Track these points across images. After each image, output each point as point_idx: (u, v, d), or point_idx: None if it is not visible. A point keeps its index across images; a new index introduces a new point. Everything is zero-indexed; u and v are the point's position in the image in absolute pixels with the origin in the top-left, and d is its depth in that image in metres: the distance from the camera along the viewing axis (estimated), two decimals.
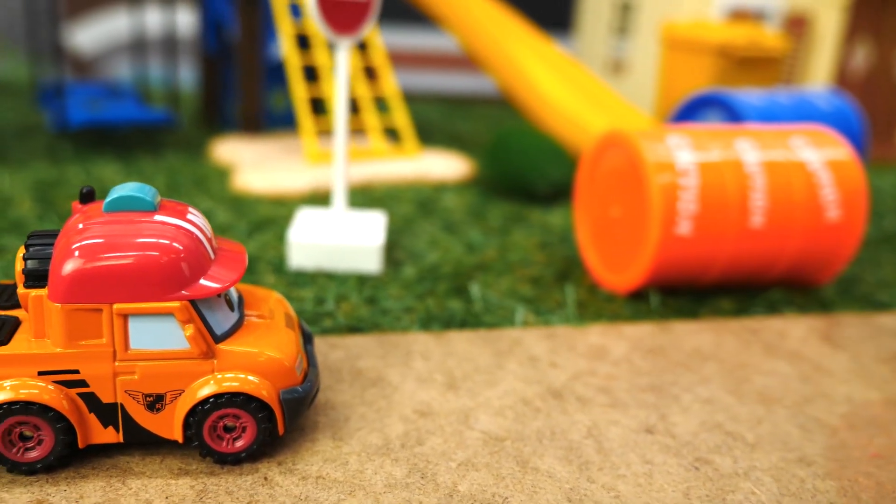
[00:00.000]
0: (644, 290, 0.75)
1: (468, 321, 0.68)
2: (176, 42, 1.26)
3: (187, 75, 1.88)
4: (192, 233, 0.44)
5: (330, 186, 1.04)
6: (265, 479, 0.45)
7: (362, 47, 1.24)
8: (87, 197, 0.47)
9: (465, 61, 2.02)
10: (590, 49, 1.78)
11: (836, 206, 0.73)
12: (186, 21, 1.89)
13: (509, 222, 0.97)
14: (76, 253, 0.42)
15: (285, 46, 1.15)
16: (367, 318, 0.67)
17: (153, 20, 1.86)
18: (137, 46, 1.42)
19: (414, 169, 1.14)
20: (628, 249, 0.74)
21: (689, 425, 0.54)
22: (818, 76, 1.50)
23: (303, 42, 1.21)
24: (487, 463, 0.48)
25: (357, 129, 1.19)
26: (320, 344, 0.62)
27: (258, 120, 1.23)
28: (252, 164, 1.09)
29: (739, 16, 1.42)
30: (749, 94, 1.05)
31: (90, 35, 1.98)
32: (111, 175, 1.05)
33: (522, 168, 1.06)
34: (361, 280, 0.76)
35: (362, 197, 1.02)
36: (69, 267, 0.42)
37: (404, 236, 0.88)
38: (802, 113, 1.03)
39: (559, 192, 1.07)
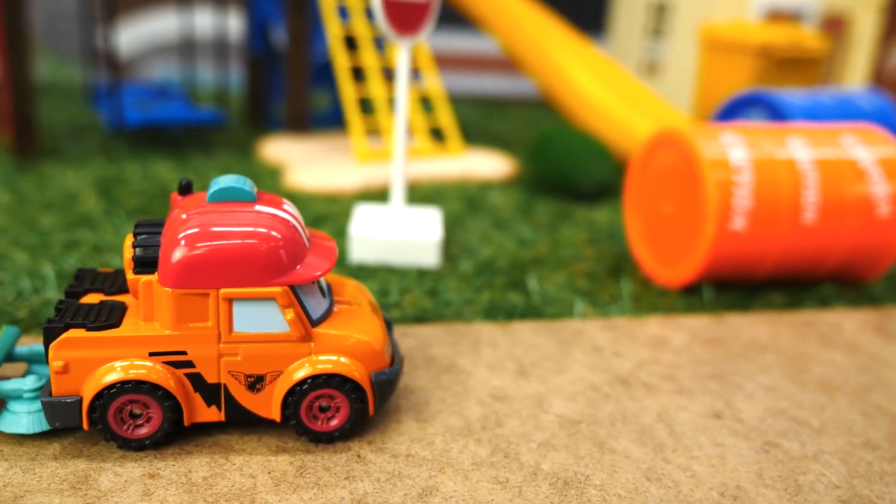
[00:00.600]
0: (697, 285, 0.77)
1: (529, 312, 0.70)
2: (226, 44, 1.29)
3: (228, 76, 1.91)
4: (289, 222, 0.47)
5: (380, 184, 1.07)
6: (358, 456, 0.48)
7: None
8: (186, 189, 0.50)
9: (498, 63, 2.04)
10: (623, 50, 1.80)
11: (887, 202, 0.75)
12: (226, 24, 1.92)
13: (556, 219, 0.99)
14: (185, 241, 0.44)
15: (333, 48, 1.17)
16: (431, 309, 0.69)
17: (190, 22, 1.89)
18: (170, 48, 1.45)
19: (459, 168, 1.16)
20: (681, 245, 0.76)
21: (754, 411, 0.56)
22: (855, 76, 1.52)
23: (349, 43, 1.24)
24: (566, 444, 0.50)
25: None
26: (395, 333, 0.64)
27: (305, 120, 1.26)
28: (302, 163, 1.11)
29: (777, 17, 1.44)
30: (792, 94, 1.07)
31: (126, 37, 2.01)
32: (166, 172, 1.08)
33: (566, 167, 1.09)
34: (421, 273, 0.78)
35: (411, 194, 1.04)
36: (179, 254, 0.44)
37: (456, 232, 0.91)
38: (845, 112, 1.05)
39: (602, 191, 1.09)
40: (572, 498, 0.45)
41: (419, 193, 1.05)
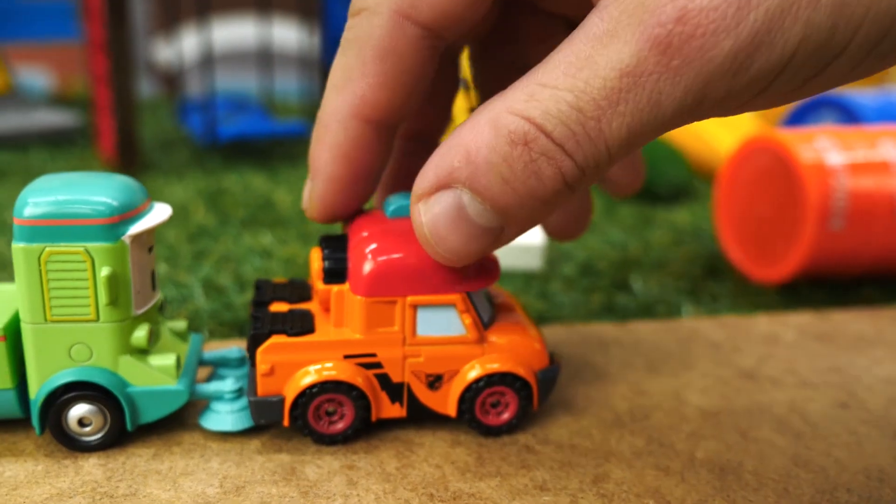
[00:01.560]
0: (794, 282, 0.81)
1: (639, 313, 0.74)
2: (316, 58, 1.34)
3: (286, 86, 1.96)
4: None
5: None
6: (527, 447, 0.52)
7: None
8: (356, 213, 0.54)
9: None
10: None
11: None
12: (285, 34, 1.97)
13: (639, 221, 1.03)
14: (376, 255, 0.49)
15: None
16: (547, 311, 0.74)
17: (242, 33, 1.95)
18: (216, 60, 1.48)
19: None
20: (778, 245, 0.80)
21: (878, 401, 0.60)
22: None
23: None
24: (713, 434, 0.55)
25: None
26: None
27: None
28: None
29: None
30: (863, 95, 1.11)
31: (176, 50, 2.07)
32: (261, 183, 1.13)
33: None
34: (526, 277, 0.82)
35: None
36: (370, 266, 0.49)
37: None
38: None
39: (678, 193, 1.13)
40: (731, 482, 0.49)
41: None
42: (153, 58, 2.06)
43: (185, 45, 2.04)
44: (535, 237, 0.84)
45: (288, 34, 1.89)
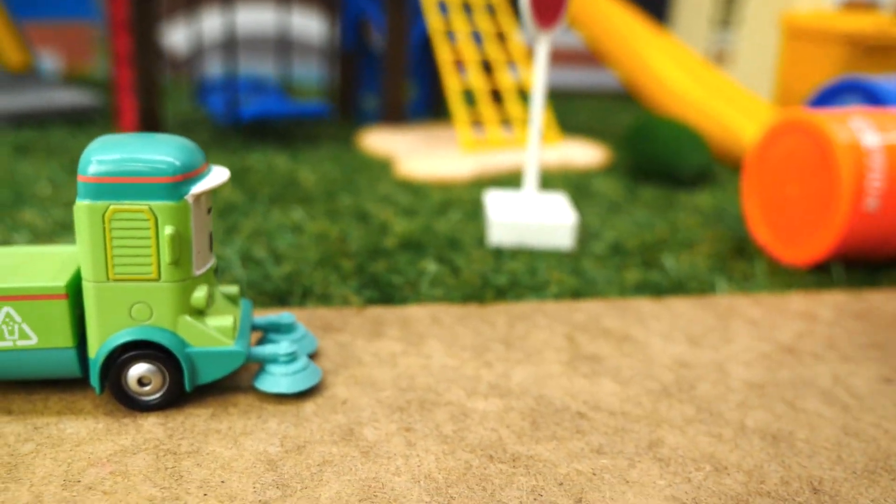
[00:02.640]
0: (825, 263, 0.82)
1: (674, 289, 0.75)
2: (336, 44, 1.33)
3: (301, 72, 1.96)
4: None
5: (491, 172, 1.12)
6: (579, 413, 0.52)
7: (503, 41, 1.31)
8: None
9: (557, 56, 2.08)
10: (687, 41, 1.84)
11: None
12: (299, 21, 1.97)
13: (663, 204, 1.03)
14: None
15: (436, 41, 1.22)
16: (582, 287, 0.74)
17: (256, 19, 1.95)
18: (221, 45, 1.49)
19: (558, 156, 1.21)
20: (809, 226, 0.81)
21: None
22: None
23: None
24: (760, 404, 0.55)
25: (501, 120, 1.26)
26: (560, 308, 0.69)
27: (402, 112, 1.31)
28: (408, 154, 1.16)
29: (853, 5, 1.47)
30: (888, 80, 1.11)
31: (184, 35, 2.07)
32: (283, 163, 1.13)
33: (666, 154, 1.13)
34: (558, 255, 0.83)
35: (517, 182, 1.09)
36: None
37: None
38: None
39: (700, 176, 1.13)
40: (784, 449, 0.50)
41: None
42: (163, 43, 2.06)
43: (204, 27, 2.04)
44: (566, 217, 0.84)
45: (303, 21, 1.89)
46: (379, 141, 1.23)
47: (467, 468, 0.46)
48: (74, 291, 0.48)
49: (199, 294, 0.48)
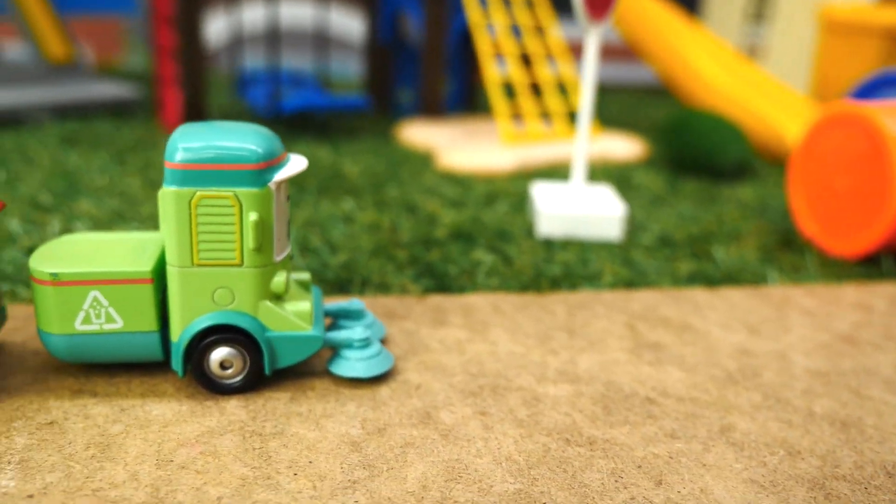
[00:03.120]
0: (875, 255, 0.82)
1: (726, 280, 0.75)
2: (373, 38, 1.34)
3: (338, 66, 1.97)
4: None
5: (533, 164, 1.13)
6: (648, 399, 0.53)
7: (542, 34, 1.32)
8: None
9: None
10: (720, 35, 1.84)
11: None
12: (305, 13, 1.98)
13: (705, 196, 1.04)
14: None
15: (476, 34, 1.23)
16: (635, 278, 0.75)
17: (290, 14, 1.96)
18: (255, 39, 1.50)
19: (598, 149, 1.21)
20: (859, 218, 0.81)
21: None
22: None
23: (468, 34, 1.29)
24: (826, 392, 0.56)
25: (540, 113, 1.26)
26: (617, 298, 0.70)
27: (440, 105, 1.32)
28: (448, 146, 1.17)
29: None
30: None
31: (215, 28, 2.08)
32: (326, 155, 1.14)
33: (706, 147, 1.13)
34: (607, 246, 0.83)
35: (559, 174, 1.10)
36: None
37: None
38: None
39: (739, 169, 1.13)
40: (855, 435, 0.50)
41: (566, 173, 1.10)
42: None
43: (218, 24, 2.05)
44: (615, 209, 0.85)
45: (338, 15, 1.90)
46: (417, 134, 1.24)
47: (546, 451, 0.46)
48: (159, 277, 0.49)
49: (280, 279, 0.49)
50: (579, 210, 0.85)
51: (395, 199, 0.93)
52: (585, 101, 0.86)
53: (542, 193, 0.89)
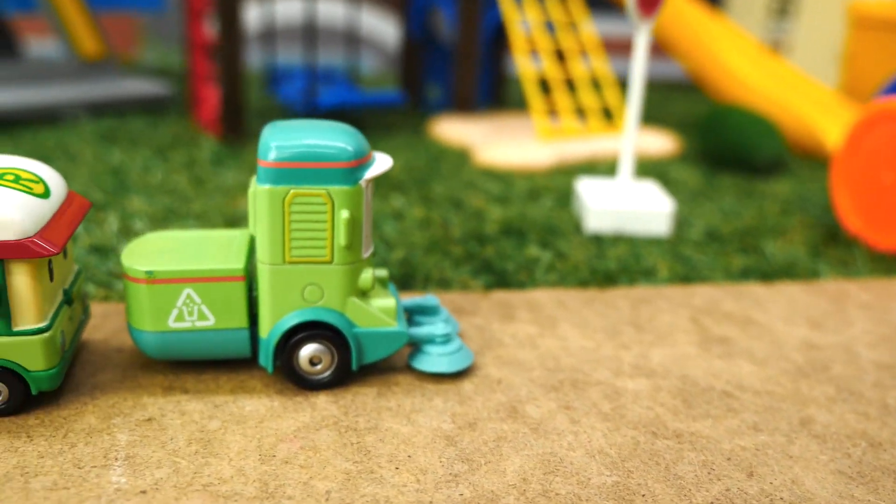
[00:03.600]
0: None
1: (779, 274, 0.76)
2: (405, 34, 1.34)
3: (361, 62, 1.98)
4: None
5: (571, 160, 1.13)
6: (725, 393, 0.54)
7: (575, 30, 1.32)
8: None
9: (609, 46, 2.09)
10: (743, 29, 1.85)
11: None
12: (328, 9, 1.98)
13: (743, 192, 1.04)
14: None
15: (511, 31, 1.24)
16: (689, 273, 0.75)
17: (292, 8, 1.96)
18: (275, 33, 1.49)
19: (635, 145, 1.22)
20: None
21: None
22: None
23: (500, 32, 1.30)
24: (895, 384, 0.56)
25: (574, 109, 1.27)
26: (676, 293, 0.70)
27: (472, 101, 1.32)
28: (484, 142, 1.18)
29: None
30: None
31: (267, 16, 2.08)
32: None
33: (742, 143, 1.14)
34: (656, 241, 0.84)
35: (596, 170, 1.10)
36: None
37: None
38: None
39: (774, 165, 1.14)
40: None
41: (603, 168, 1.11)
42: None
43: (252, 16, 2.06)
44: (663, 204, 0.85)
45: (361, 12, 1.91)
46: (451, 129, 1.25)
47: (636, 444, 0.47)
48: (248, 273, 0.50)
49: (367, 276, 0.50)
50: (628, 206, 0.85)
51: (441, 196, 0.94)
52: (634, 96, 0.86)
53: (588, 189, 0.90)
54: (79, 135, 1.14)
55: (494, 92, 1.52)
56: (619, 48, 2.18)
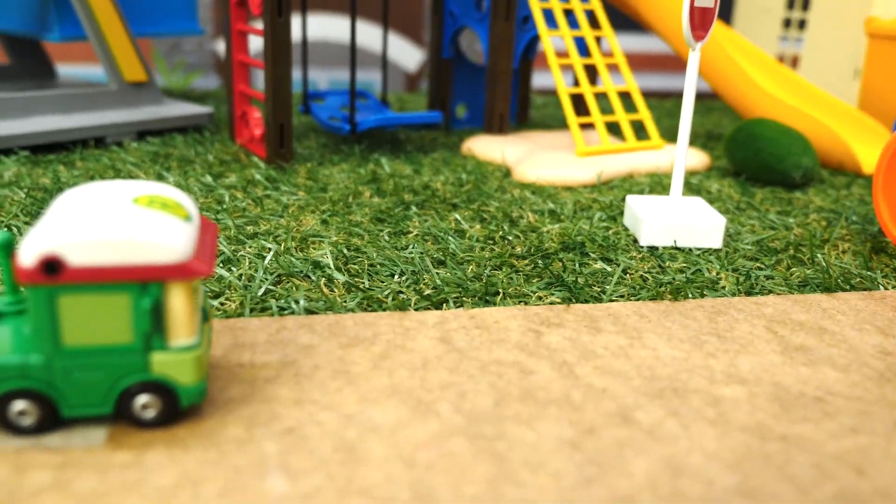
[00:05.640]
0: None
1: (839, 285, 0.79)
2: (444, 55, 1.37)
3: (369, 79, 2.00)
4: None
5: (610, 176, 1.17)
6: (816, 398, 0.57)
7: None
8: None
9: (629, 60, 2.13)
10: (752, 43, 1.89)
11: None
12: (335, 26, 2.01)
13: (782, 204, 1.08)
14: None
15: (546, 50, 1.27)
16: (751, 284, 0.78)
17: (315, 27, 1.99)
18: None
19: (666, 160, 1.25)
20: None
21: None
22: None
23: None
24: None
25: (607, 124, 1.31)
26: (746, 303, 0.73)
27: (507, 122, 1.36)
28: (522, 159, 1.21)
29: None
30: None
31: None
32: (408, 171, 1.18)
33: (776, 157, 1.18)
34: (711, 254, 0.87)
35: (636, 183, 1.13)
36: None
37: None
38: None
39: (808, 178, 1.18)
40: None
41: (641, 184, 1.14)
42: (216, 51, 2.12)
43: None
44: (716, 218, 0.89)
45: (372, 31, 1.94)
46: (485, 147, 1.28)
47: (747, 448, 0.50)
48: None
49: None
50: (682, 220, 0.88)
51: (493, 212, 0.97)
52: (685, 114, 0.90)
53: (640, 204, 0.93)
54: (126, 157, 1.17)
55: (521, 110, 1.55)
56: (634, 63, 2.22)
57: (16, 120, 1.17)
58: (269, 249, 0.82)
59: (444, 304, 0.70)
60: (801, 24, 1.70)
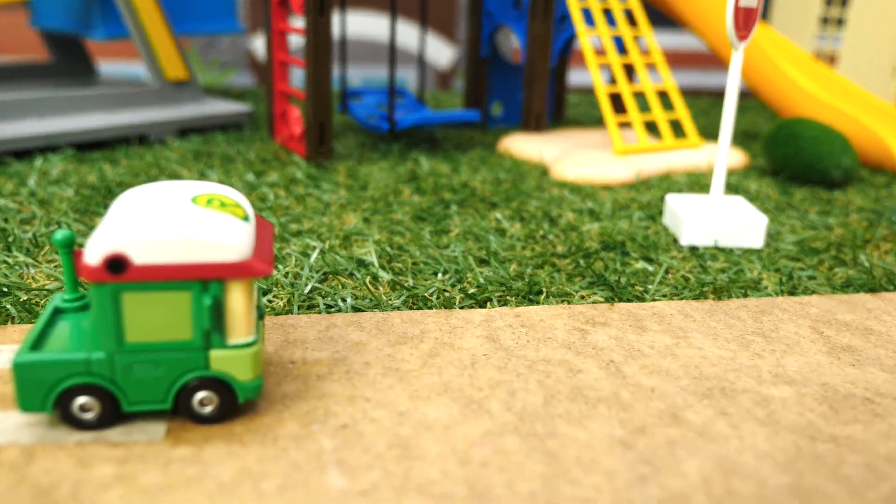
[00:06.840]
0: None
1: (883, 286, 0.79)
2: (480, 52, 1.38)
3: (404, 78, 2.01)
4: None
5: (648, 174, 1.17)
6: (865, 399, 0.57)
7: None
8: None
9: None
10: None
11: None
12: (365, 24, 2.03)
13: (822, 203, 1.07)
14: None
15: (584, 48, 1.27)
16: (794, 284, 0.78)
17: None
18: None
19: (704, 159, 1.25)
20: None
21: None
22: None
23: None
24: None
25: (640, 123, 1.30)
26: (790, 303, 0.73)
27: (544, 121, 1.36)
28: (559, 158, 1.21)
29: None
30: None
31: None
32: (446, 169, 1.18)
33: (816, 156, 1.17)
34: (753, 254, 0.87)
35: (675, 182, 1.13)
36: None
37: None
38: None
39: (848, 178, 1.17)
40: None
41: (679, 183, 1.14)
42: (251, 49, 2.14)
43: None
44: (757, 217, 0.88)
45: (408, 30, 1.95)
46: (522, 146, 1.28)
47: (798, 448, 0.50)
48: None
49: None
50: (724, 219, 0.88)
51: (533, 211, 0.97)
52: (727, 112, 0.90)
53: (680, 204, 0.93)
54: (170, 155, 1.19)
55: (557, 108, 1.55)
56: (670, 60, 2.21)
57: (62, 118, 1.19)
58: (314, 247, 0.83)
59: (489, 303, 0.71)
60: (839, 22, 1.69)
